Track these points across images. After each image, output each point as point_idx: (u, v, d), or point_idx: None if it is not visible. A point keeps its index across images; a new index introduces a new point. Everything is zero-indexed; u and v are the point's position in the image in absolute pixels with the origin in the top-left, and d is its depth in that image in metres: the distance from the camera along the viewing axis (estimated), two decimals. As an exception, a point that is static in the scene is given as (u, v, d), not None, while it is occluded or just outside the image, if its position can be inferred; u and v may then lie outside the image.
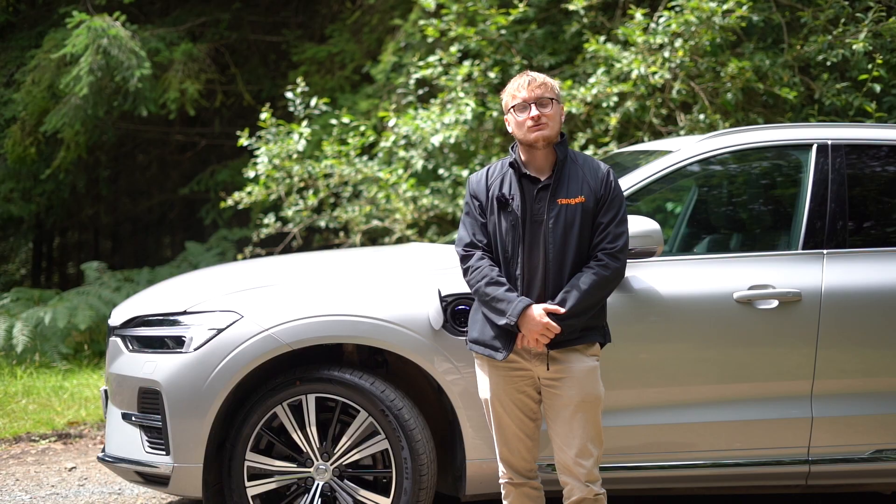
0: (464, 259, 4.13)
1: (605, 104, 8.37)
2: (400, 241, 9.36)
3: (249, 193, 9.55)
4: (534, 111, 4.03)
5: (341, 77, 11.92)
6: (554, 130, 4.06)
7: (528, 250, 4.02)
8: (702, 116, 8.07)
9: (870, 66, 7.55)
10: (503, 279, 4.02)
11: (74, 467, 6.59)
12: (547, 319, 3.92)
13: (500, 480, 4.27)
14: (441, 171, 9.31)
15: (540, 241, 4.01)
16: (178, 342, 4.63)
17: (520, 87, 4.10)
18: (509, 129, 4.15)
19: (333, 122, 9.74)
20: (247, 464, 4.60)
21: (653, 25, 8.33)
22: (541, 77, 4.12)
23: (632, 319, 4.55)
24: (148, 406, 4.67)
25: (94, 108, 10.94)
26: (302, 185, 9.58)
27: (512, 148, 4.17)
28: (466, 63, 8.98)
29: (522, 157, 4.12)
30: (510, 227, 4.04)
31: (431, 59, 9.21)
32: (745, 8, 7.85)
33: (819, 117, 7.91)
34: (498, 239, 4.07)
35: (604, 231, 4.04)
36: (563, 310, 3.94)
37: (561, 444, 4.08)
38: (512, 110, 4.11)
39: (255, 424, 4.59)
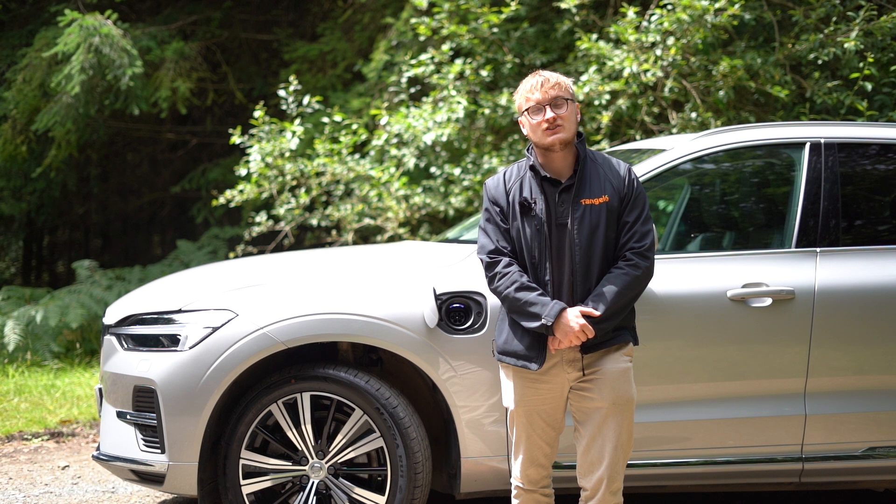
0: (489, 266, 4.03)
1: (596, 102, 8.39)
2: (392, 239, 9.36)
3: (241, 191, 9.54)
4: (549, 113, 3.94)
5: (333, 75, 11.93)
6: (570, 132, 3.98)
7: (555, 254, 3.95)
8: (694, 115, 8.09)
9: (861, 64, 7.58)
10: (533, 284, 3.94)
11: (67, 466, 6.58)
12: (583, 321, 3.86)
13: (512, 482, 4.23)
14: (433, 170, 9.32)
15: (566, 244, 3.94)
16: (173, 340, 4.63)
17: (533, 88, 3.99)
18: (524, 132, 4.06)
19: (325, 120, 9.74)
20: (242, 462, 4.59)
21: (645, 24, 8.35)
22: (554, 77, 4.02)
23: (626, 317, 4.54)
24: (143, 404, 4.66)
25: (86, 107, 10.91)
26: (294, 183, 9.58)
27: (528, 150, 4.09)
28: (458, 61, 8.99)
29: (540, 160, 4.04)
30: (535, 231, 3.95)
31: (423, 57, 9.23)
32: (736, 6, 7.88)
33: (810, 116, 7.94)
34: (523, 244, 3.98)
35: (630, 230, 3.98)
36: (598, 313, 3.87)
37: (588, 446, 4.02)
38: (526, 113, 4.02)
39: (250, 423, 4.58)
